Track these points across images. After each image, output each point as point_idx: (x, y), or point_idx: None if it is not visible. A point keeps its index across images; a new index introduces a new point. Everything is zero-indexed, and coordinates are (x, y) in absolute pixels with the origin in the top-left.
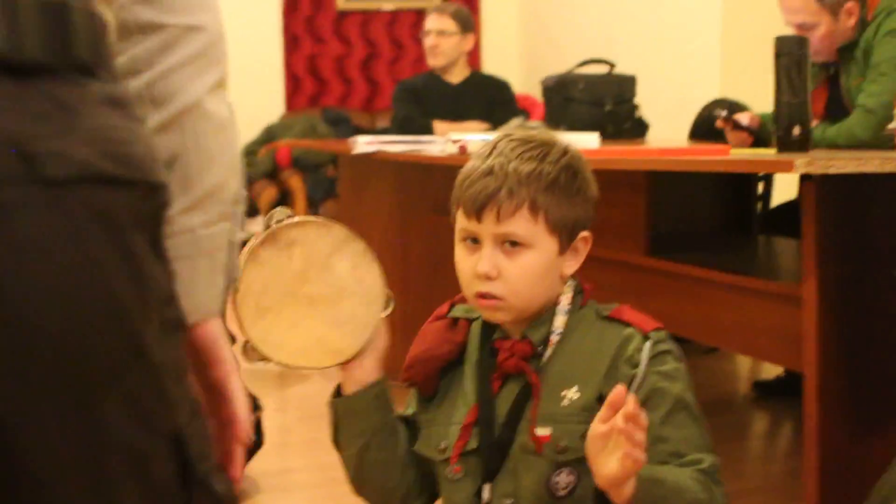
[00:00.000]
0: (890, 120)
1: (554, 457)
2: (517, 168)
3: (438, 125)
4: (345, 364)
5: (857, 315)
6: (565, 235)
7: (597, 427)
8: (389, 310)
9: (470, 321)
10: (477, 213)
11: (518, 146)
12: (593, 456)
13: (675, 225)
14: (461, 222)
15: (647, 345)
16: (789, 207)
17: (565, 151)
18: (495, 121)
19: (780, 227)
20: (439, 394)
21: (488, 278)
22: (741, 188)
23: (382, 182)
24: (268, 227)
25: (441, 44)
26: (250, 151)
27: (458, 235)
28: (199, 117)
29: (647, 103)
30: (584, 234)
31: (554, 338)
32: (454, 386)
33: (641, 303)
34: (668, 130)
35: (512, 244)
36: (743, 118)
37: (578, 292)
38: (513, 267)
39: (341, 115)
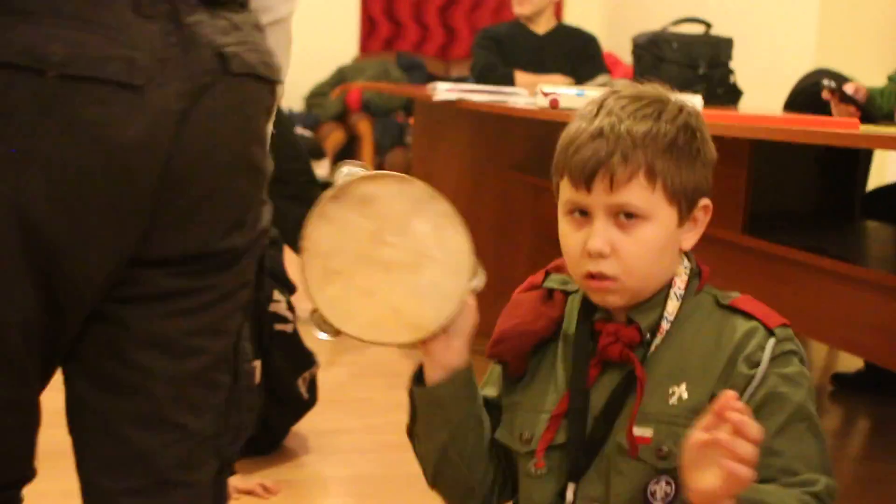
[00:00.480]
0: None
1: (654, 462)
2: (630, 129)
3: (520, 76)
4: (425, 342)
5: None
6: (685, 204)
7: (697, 435)
8: (478, 282)
9: (566, 294)
10: (586, 181)
11: (629, 104)
12: (688, 466)
13: (773, 203)
14: (567, 192)
15: (771, 342)
16: (891, 190)
17: (681, 108)
18: (580, 76)
19: (879, 211)
20: (527, 375)
21: (601, 256)
22: (843, 168)
23: (458, 133)
24: (337, 181)
25: None
26: (321, 92)
27: (562, 208)
28: (280, 30)
29: (739, 69)
30: (705, 201)
31: (665, 325)
32: (544, 367)
33: (732, 284)
34: (759, 99)
35: (627, 216)
36: (850, 89)
37: (695, 275)
38: (629, 242)
39: (416, 61)
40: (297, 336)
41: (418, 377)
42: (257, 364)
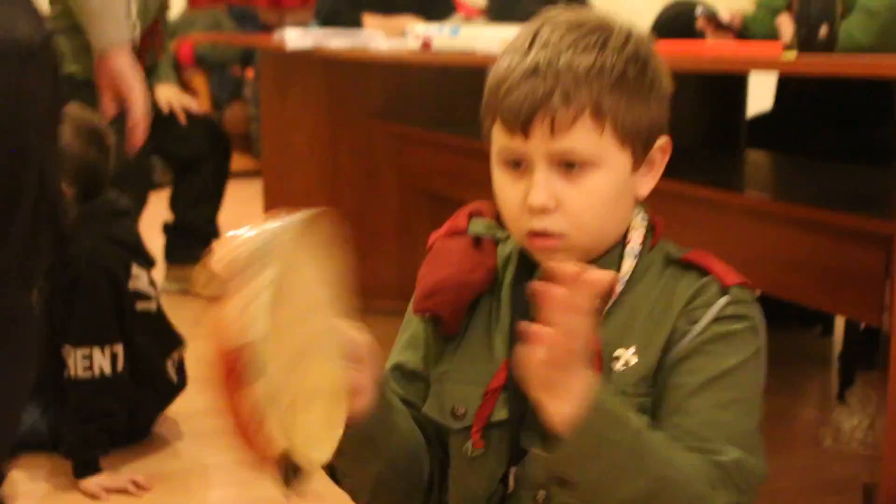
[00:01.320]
0: None
1: None
2: (571, 62)
3: (369, 19)
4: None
5: None
6: (639, 146)
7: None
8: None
9: (496, 241)
10: (523, 126)
11: (567, 33)
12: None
13: None
14: (500, 140)
15: (722, 301)
16: (768, 119)
17: (628, 36)
18: (431, 16)
19: (760, 139)
20: (457, 337)
21: (544, 211)
22: (728, 97)
23: (311, 83)
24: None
25: None
26: None
27: (496, 158)
28: None
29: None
30: (662, 140)
31: (619, 287)
32: (476, 330)
33: None
34: None
35: (570, 165)
36: (726, 17)
37: (650, 229)
38: (576, 194)
39: (247, 12)
40: (161, 314)
41: None
42: (119, 349)
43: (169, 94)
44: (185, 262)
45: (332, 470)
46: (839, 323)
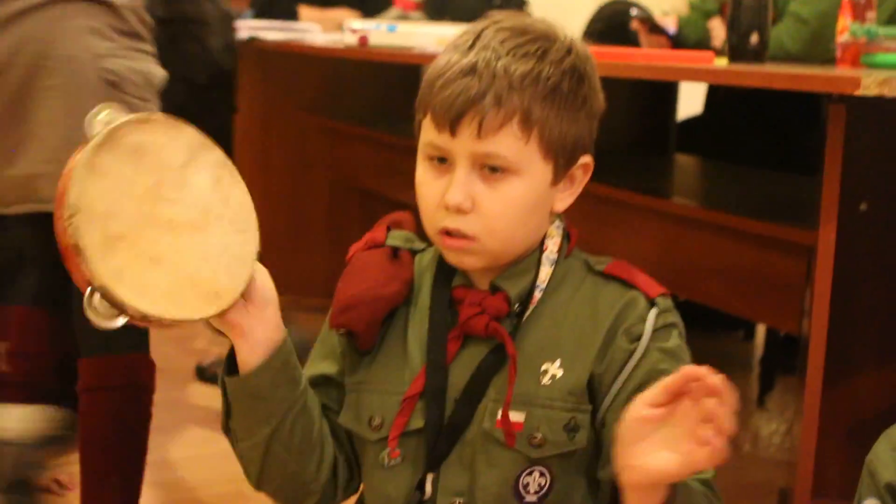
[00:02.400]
0: (826, 36)
1: (526, 451)
2: (508, 67)
3: (305, 10)
4: (229, 315)
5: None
6: (562, 160)
7: (640, 409)
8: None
9: (413, 253)
10: (451, 123)
11: (510, 38)
12: (628, 441)
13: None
14: (428, 134)
15: (652, 314)
16: (697, 123)
17: (570, 49)
18: (367, 10)
19: (690, 143)
20: (374, 347)
21: (459, 211)
22: (657, 101)
23: (244, 74)
24: (97, 127)
25: None
26: None
27: (421, 151)
28: None
29: None
30: (585, 159)
31: (537, 294)
32: (393, 340)
33: None
34: None
35: (493, 169)
36: (661, 19)
37: (565, 237)
38: (492, 198)
39: None
40: None
41: (230, 365)
42: None
43: None
44: None
45: (228, 429)
46: (761, 329)
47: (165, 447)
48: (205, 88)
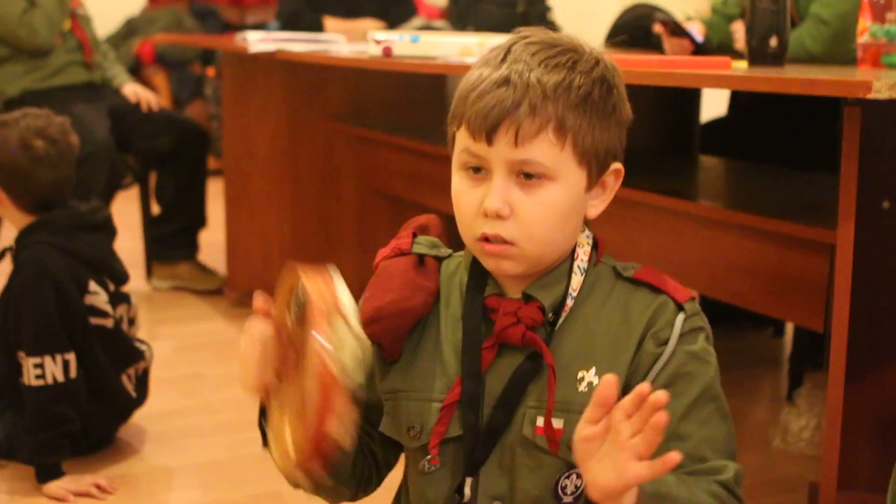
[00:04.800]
0: (848, 37)
1: (567, 456)
2: (541, 77)
3: (330, 22)
4: None
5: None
6: (595, 167)
7: (583, 428)
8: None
9: (439, 260)
10: (488, 133)
11: (540, 51)
12: (582, 459)
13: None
14: (464, 143)
15: (680, 318)
16: (721, 125)
17: (598, 60)
18: (392, 20)
19: (714, 144)
20: (403, 356)
21: (499, 217)
22: (681, 104)
23: (273, 85)
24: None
25: None
26: (111, 46)
27: (457, 161)
28: None
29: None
30: (616, 165)
31: (569, 303)
32: (426, 348)
33: None
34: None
35: (529, 175)
36: (685, 22)
37: (594, 245)
38: (530, 203)
39: (209, 9)
40: (119, 332)
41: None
42: (71, 357)
43: (136, 88)
44: (173, 261)
45: (263, 428)
46: (790, 326)
47: (203, 449)
48: None
